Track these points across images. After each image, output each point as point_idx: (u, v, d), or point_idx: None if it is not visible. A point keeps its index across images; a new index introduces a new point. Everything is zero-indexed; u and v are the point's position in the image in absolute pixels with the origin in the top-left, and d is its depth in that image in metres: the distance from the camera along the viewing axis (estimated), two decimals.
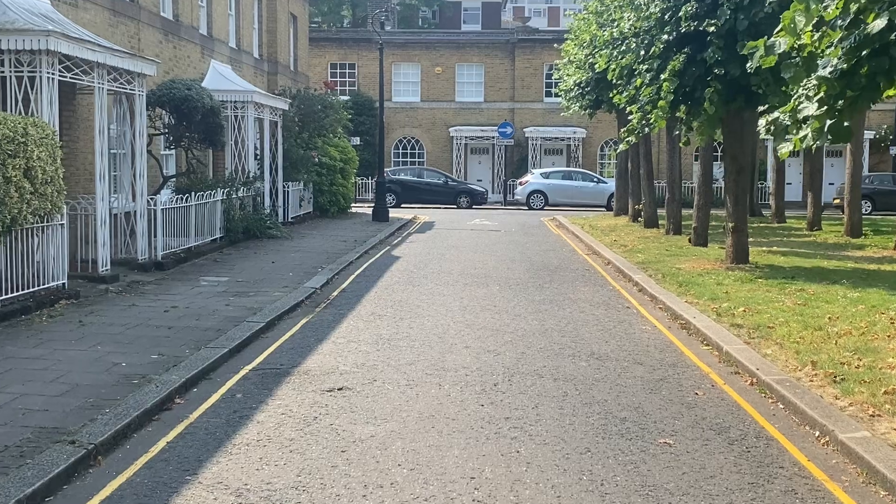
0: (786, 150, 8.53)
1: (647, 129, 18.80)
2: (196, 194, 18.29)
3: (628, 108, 19.72)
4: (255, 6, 28.97)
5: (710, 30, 15.22)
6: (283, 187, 25.43)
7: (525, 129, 45.40)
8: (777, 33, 8.17)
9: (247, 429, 7.24)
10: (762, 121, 9.25)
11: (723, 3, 15.13)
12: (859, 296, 13.07)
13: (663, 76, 16.04)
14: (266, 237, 21.46)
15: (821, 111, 7.95)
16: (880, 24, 7.08)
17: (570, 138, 45.42)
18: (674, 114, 17.40)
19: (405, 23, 57.81)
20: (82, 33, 14.10)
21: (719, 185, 37.06)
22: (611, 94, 21.66)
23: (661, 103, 16.28)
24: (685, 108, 16.93)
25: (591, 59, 25.61)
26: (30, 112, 12.20)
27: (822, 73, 7.78)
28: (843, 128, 7.98)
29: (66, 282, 12.78)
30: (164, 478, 6.16)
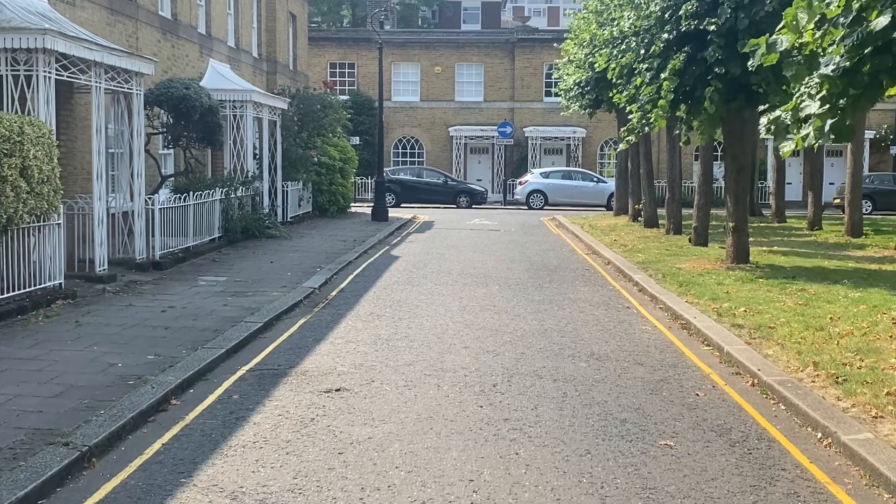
0: (787, 149, 8.45)
1: (647, 128, 18.73)
2: (194, 194, 18.22)
3: (628, 108, 19.65)
4: (254, 5, 28.90)
5: (711, 28, 15.16)
6: (282, 187, 25.36)
7: (525, 129, 45.35)
8: (779, 31, 8.11)
9: (243, 430, 7.18)
10: (763, 119, 9.17)
11: (723, 1, 15.07)
12: (861, 296, 13.01)
13: (663, 75, 15.98)
14: (265, 237, 21.40)
15: (823, 110, 7.88)
16: (883, 22, 7.00)
17: (569, 138, 45.37)
18: (674, 113, 17.34)
19: (405, 22, 57.76)
20: (80, 32, 14.03)
21: (719, 185, 37.04)
22: (611, 94, 21.62)
23: (661, 102, 16.22)
24: (685, 108, 16.87)
25: (591, 59, 25.54)
26: (26, 111, 12.14)
27: (824, 71, 7.71)
28: (846, 126, 7.91)
29: (63, 282, 12.73)
30: (159, 480, 6.09)
